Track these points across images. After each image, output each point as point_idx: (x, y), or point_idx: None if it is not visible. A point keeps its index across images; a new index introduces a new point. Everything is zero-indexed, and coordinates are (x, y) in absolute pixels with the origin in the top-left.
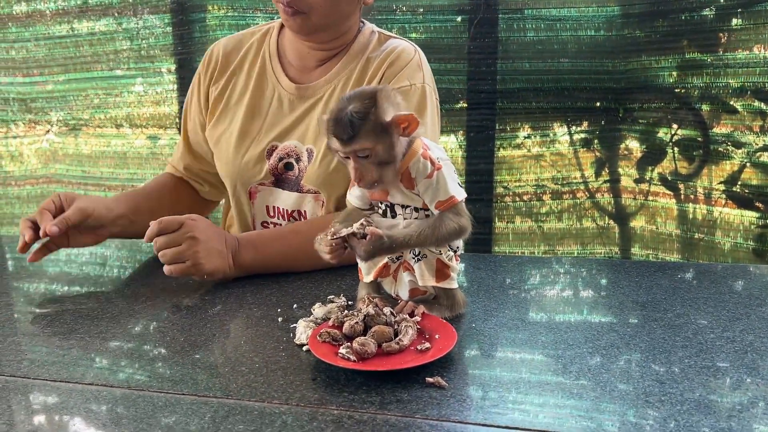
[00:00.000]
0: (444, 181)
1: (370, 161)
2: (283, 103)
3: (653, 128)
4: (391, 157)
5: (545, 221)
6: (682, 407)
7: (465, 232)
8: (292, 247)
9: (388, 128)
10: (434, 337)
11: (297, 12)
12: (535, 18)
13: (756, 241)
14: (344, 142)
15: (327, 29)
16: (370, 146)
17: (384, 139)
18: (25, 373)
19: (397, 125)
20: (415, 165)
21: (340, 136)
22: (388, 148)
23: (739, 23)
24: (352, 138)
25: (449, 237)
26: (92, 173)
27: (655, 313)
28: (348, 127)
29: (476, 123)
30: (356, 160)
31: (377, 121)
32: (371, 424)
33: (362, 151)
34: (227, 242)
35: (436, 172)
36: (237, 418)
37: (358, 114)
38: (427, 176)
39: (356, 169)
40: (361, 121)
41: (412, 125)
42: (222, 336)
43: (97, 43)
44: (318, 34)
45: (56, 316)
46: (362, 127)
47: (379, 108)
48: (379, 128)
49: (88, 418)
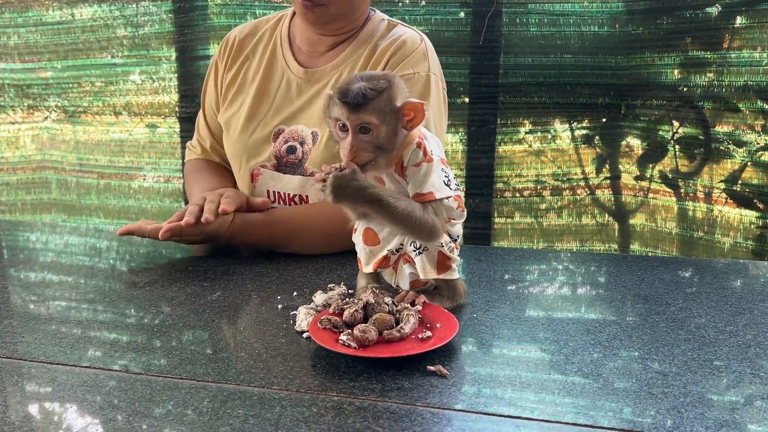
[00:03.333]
0: (429, 174)
1: (369, 139)
2: (291, 86)
3: (655, 126)
4: (390, 145)
5: (545, 217)
6: (685, 400)
7: (435, 233)
8: (297, 222)
9: (396, 114)
10: (435, 326)
11: (317, 4)
12: (538, 13)
13: (755, 240)
14: (351, 110)
15: (343, 18)
16: (376, 122)
17: (390, 122)
18: (21, 355)
19: (404, 114)
20: (409, 152)
21: (350, 102)
22: (390, 134)
23: (743, 22)
24: (361, 107)
25: (418, 228)
26: (89, 161)
27: (657, 307)
28: (360, 95)
29: (478, 117)
30: (355, 135)
31: (389, 101)
32: (372, 411)
33: (367, 124)
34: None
35: (425, 163)
36: (236, 403)
37: (372, 88)
38: (415, 164)
39: (352, 144)
40: (375, 93)
41: (417, 118)
42: (221, 322)
43: (96, 29)
44: (334, 23)
45: (53, 300)
46: (373, 101)
47: (393, 90)
48: (388, 109)
49: (84, 402)
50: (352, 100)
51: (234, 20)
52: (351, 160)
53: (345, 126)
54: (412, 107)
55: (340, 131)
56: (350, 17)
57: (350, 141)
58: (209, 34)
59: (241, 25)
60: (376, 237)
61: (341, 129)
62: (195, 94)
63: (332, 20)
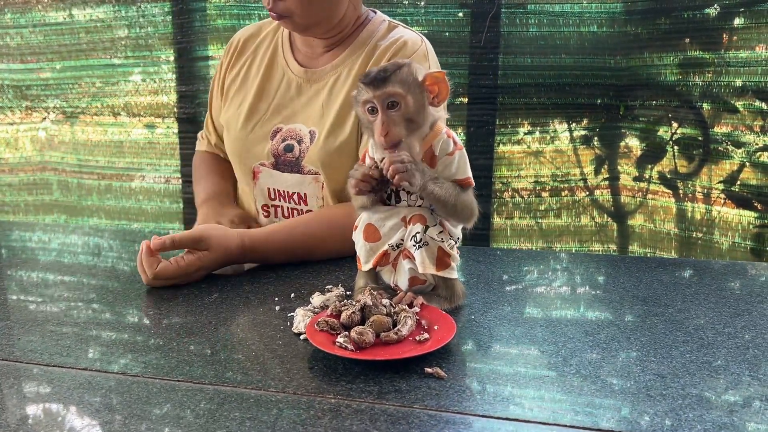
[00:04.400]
0: (464, 161)
1: (399, 113)
2: (291, 86)
3: (653, 126)
4: (420, 118)
5: (544, 218)
6: (684, 401)
7: (475, 214)
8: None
9: (420, 87)
10: (433, 328)
11: (281, 16)
12: (537, 13)
13: (754, 240)
14: (376, 86)
15: (318, 25)
16: (402, 92)
17: (416, 93)
18: (17, 357)
19: (428, 88)
20: (439, 142)
21: (373, 78)
22: (418, 105)
23: (742, 22)
24: (385, 81)
25: (465, 209)
26: (88, 162)
27: (655, 309)
28: (382, 71)
29: (477, 118)
30: (384, 111)
31: (410, 74)
32: (369, 413)
33: (394, 97)
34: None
35: (457, 151)
36: (233, 405)
37: (392, 65)
38: (448, 153)
39: (384, 122)
40: (395, 67)
41: (443, 92)
42: (218, 324)
43: (96, 30)
44: (314, 29)
45: (51, 302)
46: (395, 74)
47: (412, 66)
48: (411, 80)
49: (82, 404)
50: (375, 75)
51: (233, 21)
52: (384, 136)
53: (373, 108)
54: (434, 78)
55: (370, 115)
56: (328, 23)
57: (381, 117)
58: (208, 36)
59: (246, 27)
60: (377, 232)
61: (370, 112)
62: (194, 95)
63: (308, 28)
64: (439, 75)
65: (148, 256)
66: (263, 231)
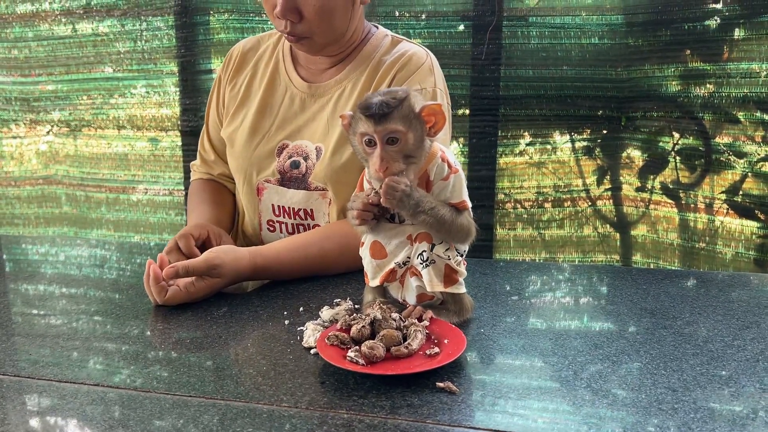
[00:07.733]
0: (459, 185)
1: (397, 149)
2: (294, 101)
3: (655, 137)
4: (419, 154)
5: (546, 229)
6: (696, 415)
7: (471, 235)
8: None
9: (419, 120)
10: (443, 341)
11: (301, 38)
12: (538, 25)
13: (757, 250)
14: (377, 122)
15: (336, 43)
16: (403, 129)
17: (415, 128)
18: (28, 373)
19: (425, 120)
20: (434, 167)
21: (374, 113)
22: (417, 141)
23: (742, 34)
24: (386, 117)
25: (461, 231)
26: (93, 174)
27: (663, 321)
28: (384, 105)
29: (479, 129)
30: (383, 147)
31: (410, 109)
32: (382, 429)
33: (394, 134)
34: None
35: (452, 175)
36: (245, 420)
37: (393, 97)
38: (443, 178)
39: (382, 156)
40: (397, 102)
41: (439, 122)
42: (228, 338)
43: (100, 44)
44: (328, 49)
45: (58, 317)
46: (396, 109)
47: (411, 98)
48: (411, 116)
49: (93, 420)
50: (377, 110)
51: (236, 35)
52: (382, 172)
53: (371, 140)
54: (431, 110)
55: (367, 147)
56: (342, 40)
57: (379, 153)
58: (211, 49)
59: (245, 40)
60: (383, 250)
61: (367, 144)
62: (197, 108)
63: (323, 48)
64: (436, 107)
65: (156, 283)
66: (274, 250)
